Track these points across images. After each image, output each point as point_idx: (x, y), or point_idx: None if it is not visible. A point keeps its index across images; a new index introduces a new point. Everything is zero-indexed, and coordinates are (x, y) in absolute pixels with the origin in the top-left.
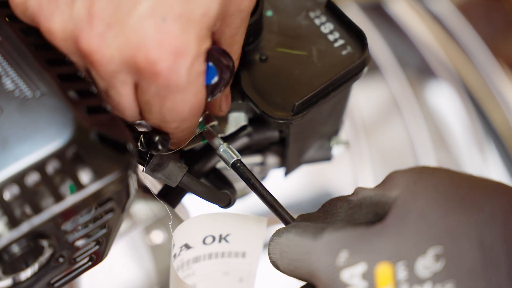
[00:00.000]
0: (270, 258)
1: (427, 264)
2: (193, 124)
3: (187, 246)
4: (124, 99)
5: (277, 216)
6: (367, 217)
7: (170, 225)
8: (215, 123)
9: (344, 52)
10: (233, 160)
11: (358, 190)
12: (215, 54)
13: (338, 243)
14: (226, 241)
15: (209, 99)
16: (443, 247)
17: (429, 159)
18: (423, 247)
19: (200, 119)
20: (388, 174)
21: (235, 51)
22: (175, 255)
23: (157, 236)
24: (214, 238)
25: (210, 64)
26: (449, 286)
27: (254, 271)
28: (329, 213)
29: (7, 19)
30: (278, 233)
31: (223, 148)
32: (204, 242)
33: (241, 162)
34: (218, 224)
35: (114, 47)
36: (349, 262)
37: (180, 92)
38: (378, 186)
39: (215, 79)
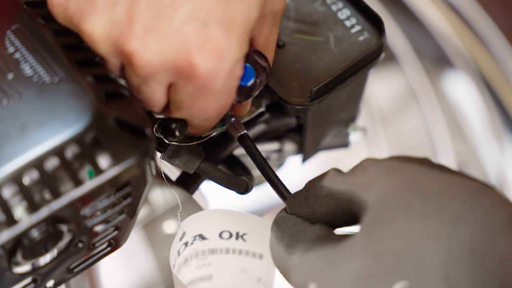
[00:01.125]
0: None
1: None
2: (214, 123)
3: (201, 237)
4: (156, 96)
5: (274, 189)
6: (343, 212)
7: (178, 214)
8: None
9: (361, 38)
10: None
11: (331, 175)
12: (252, 55)
13: (307, 269)
14: (243, 239)
15: (245, 101)
16: (409, 281)
17: (446, 149)
18: (389, 282)
19: None
20: (361, 161)
21: (270, 51)
22: (186, 244)
23: (174, 225)
24: (231, 234)
25: (248, 65)
26: None
27: (272, 273)
28: (309, 202)
29: (25, 5)
30: (272, 222)
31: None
32: (220, 236)
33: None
34: (235, 222)
35: (154, 50)
36: None
37: (214, 95)
38: (351, 176)
39: (252, 81)
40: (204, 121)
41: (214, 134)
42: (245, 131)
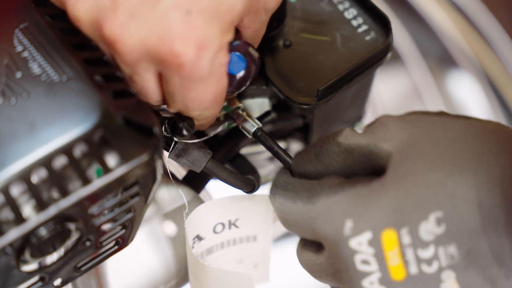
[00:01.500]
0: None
1: (429, 228)
2: (215, 112)
3: (199, 238)
4: (147, 84)
5: (275, 155)
6: (362, 167)
7: (184, 215)
8: (240, 105)
9: (367, 38)
10: (254, 129)
11: (347, 133)
12: (244, 46)
13: (340, 208)
14: (236, 226)
15: (237, 91)
16: (443, 211)
17: None
18: (424, 212)
19: (225, 103)
20: (378, 118)
21: (256, 44)
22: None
23: (181, 223)
24: (224, 226)
25: (239, 55)
26: (451, 249)
27: (267, 255)
28: (321, 158)
29: (33, 4)
30: (272, 192)
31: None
32: (214, 231)
33: (262, 130)
34: (226, 210)
35: (136, 37)
36: (355, 231)
37: (202, 83)
38: (369, 132)
39: (243, 71)
40: (203, 112)
41: (220, 130)
42: (260, 125)
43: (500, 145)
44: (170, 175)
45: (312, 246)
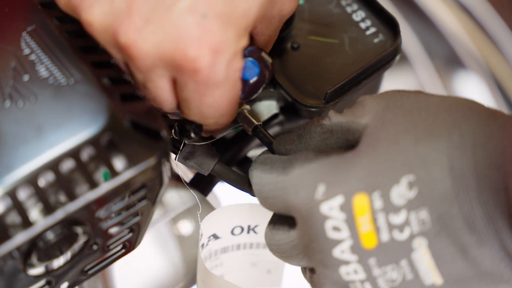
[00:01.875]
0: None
1: (401, 192)
2: (230, 119)
3: (215, 236)
4: (161, 92)
5: (259, 138)
6: (338, 142)
7: (198, 215)
8: (247, 107)
9: (376, 40)
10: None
11: (331, 114)
12: (257, 52)
13: (312, 175)
14: (255, 232)
15: (251, 97)
16: (415, 175)
17: None
18: (396, 176)
19: None
20: (359, 99)
21: (268, 50)
22: (202, 245)
23: (187, 226)
24: (242, 229)
25: (253, 61)
26: (423, 214)
27: (282, 263)
28: (303, 138)
29: (40, 6)
30: (251, 167)
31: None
32: (232, 232)
33: (261, 126)
34: (247, 215)
35: (152, 42)
36: (327, 196)
37: (218, 88)
38: (349, 112)
39: (256, 77)
40: (219, 119)
41: (228, 132)
42: (260, 122)
43: (473, 114)
44: (179, 178)
45: (284, 224)
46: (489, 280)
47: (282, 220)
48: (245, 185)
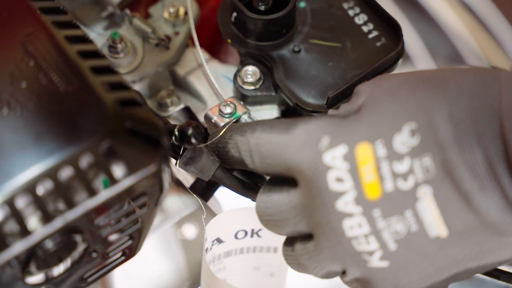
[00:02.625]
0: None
1: (403, 140)
2: None
3: (219, 241)
4: None
5: None
6: None
7: (203, 219)
8: (247, 110)
9: (378, 44)
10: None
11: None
12: None
13: (317, 130)
14: (258, 236)
15: None
16: (417, 122)
17: None
18: (398, 124)
19: (231, 110)
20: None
21: None
22: (206, 249)
23: (189, 231)
24: (246, 233)
25: None
26: (427, 160)
27: (285, 267)
28: None
29: (39, 11)
30: (240, 132)
31: (244, 118)
32: (236, 236)
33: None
34: (251, 219)
35: None
36: (330, 146)
37: None
38: (345, 104)
39: None
40: None
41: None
42: None
43: (468, 69)
44: (180, 183)
45: (282, 186)
46: (493, 232)
47: (279, 182)
48: (246, 191)
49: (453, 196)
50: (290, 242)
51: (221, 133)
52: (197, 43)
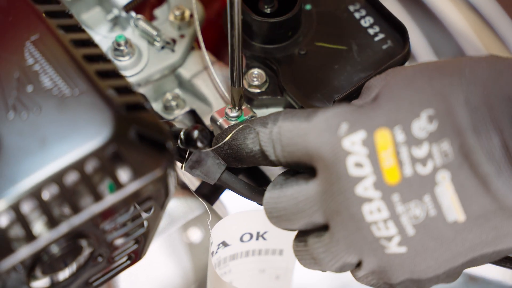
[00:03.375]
0: (261, 149)
1: (422, 125)
2: None
3: (224, 244)
4: None
5: None
6: None
7: (208, 223)
8: (254, 114)
9: (384, 47)
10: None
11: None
12: None
13: (336, 117)
14: (264, 238)
15: None
16: (434, 108)
17: None
18: (416, 110)
19: (237, 113)
20: (364, 86)
21: None
22: (212, 253)
23: (195, 234)
24: (251, 236)
25: None
26: (445, 145)
27: (291, 269)
28: None
29: (45, 15)
30: (262, 123)
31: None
32: (241, 239)
33: None
34: (256, 222)
35: None
36: (349, 131)
37: None
38: (356, 100)
39: None
40: None
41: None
42: None
43: (481, 58)
44: (185, 186)
45: (298, 177)
46: (510, 216)
47: (293, 176)
48: (252, 194)
49: (471, 181)
50: (302, 237)
51: (229, 137)
52: (202, 45)
